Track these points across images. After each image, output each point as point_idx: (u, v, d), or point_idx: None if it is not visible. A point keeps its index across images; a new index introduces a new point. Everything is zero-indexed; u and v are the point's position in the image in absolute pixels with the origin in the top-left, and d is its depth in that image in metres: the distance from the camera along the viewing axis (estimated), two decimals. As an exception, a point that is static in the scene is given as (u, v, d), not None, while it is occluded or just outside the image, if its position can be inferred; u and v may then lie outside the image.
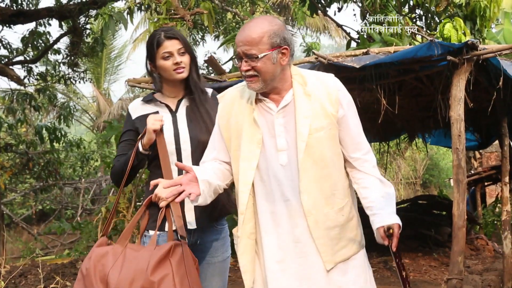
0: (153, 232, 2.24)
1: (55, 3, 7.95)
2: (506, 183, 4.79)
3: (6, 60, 8.19)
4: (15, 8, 7.73)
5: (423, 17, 7.54)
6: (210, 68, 10.05)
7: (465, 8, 6.60)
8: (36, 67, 8.84)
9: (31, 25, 8.02)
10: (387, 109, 4.73)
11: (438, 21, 7.19)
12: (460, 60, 4.13)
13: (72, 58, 8.59)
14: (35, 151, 9.62)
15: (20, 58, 8.53)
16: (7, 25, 7.64)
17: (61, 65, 8.83)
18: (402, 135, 8.69)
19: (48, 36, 8.17)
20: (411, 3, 7.41)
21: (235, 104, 2.09)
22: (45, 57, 8.76)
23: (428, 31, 7.27)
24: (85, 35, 8.42)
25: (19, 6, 7.85)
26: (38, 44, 8.16)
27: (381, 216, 1.97)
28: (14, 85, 8.76)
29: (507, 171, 4.85)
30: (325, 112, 2.00)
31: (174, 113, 2.36)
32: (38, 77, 8.74)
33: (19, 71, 8.69)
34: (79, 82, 9.18)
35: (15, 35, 20.15)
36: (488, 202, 9.29)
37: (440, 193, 9.52)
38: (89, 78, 14.46)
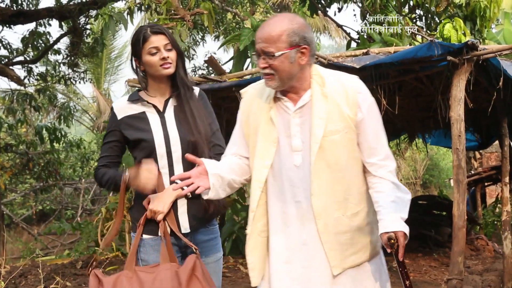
0: (147, 236, 2.23)
1: (55, 3, 7.94)
2: (506, 184, 4.79)
3: (6, 60, 8.18)
4: (15, 8, 7.71)
5: (423, 17, 7.54)
6: (210, 68, 10.07)
7: (465, 9, 6.61)
8: (36, 67, 8.83)
9: (31, 25, 8.01)
10: (387, 109, 4.72)
11: (438, 21, 7.19)
12: (460, 60, 4.13)
13: (72, 58, 8.58)
14: (35, 151, 9.60)
15: (20, 58, 8.51)
16: (7, 25, 7.63)
17: (61, 65, 8.81)
18: (402, 135, 8.69)
19: (48, 36, 8.15)
20: (411, 3, 7.41)
21: (255, 100, 2.06)
22: (45, 58, 8.74)
23: (428, 31, 7.27)
24: (85, 35, 8.40)
25: (19, 6, 7.83)
26: (38, 45, 8.14)
27: (385, 222, 1.89)
28: (14, 85, 8.75)
29: (507, 171, 4.85)
30: (341, 115, 1.94)
31: (162, 114, 2.29)
32: (38, 77, 8.72)
33: (19, 71, 8.68)
34: (79, 82, 9.18)
35: (15, 35, 20.11)
36: (488, 203, 9.27)
37: (440, 194, 9.49)
38: (89, 79, 14.43)
